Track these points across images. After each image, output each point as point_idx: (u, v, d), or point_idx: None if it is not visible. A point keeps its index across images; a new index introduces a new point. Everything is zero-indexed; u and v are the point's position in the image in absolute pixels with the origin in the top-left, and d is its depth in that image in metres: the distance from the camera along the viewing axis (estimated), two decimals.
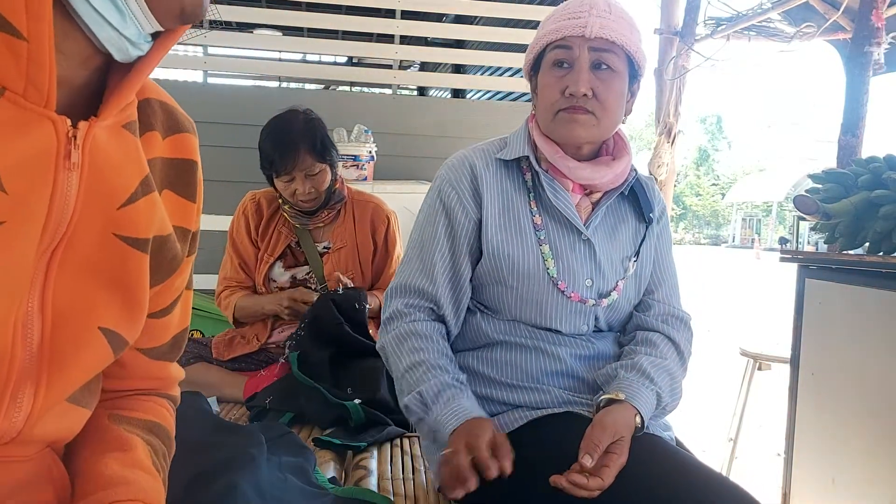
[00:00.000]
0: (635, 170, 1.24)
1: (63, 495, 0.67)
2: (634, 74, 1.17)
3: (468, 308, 1.22)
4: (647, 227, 1.25)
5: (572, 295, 1.15)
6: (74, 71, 0.57)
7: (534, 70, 1.21)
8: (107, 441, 0.69)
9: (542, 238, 1.16)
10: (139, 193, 0.62)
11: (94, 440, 0.69)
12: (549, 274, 1.14)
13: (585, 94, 1.10)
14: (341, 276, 1.94)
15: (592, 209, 1.20)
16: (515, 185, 1.19)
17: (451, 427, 1.02)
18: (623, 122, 1.20)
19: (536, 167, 1.18)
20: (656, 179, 4.59)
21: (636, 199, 1.24)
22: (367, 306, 1.90)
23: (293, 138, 1.85)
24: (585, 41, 1.09)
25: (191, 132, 0.73)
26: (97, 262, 0.60)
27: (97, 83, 0.60)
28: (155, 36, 0.60)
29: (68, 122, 0.56)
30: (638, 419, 1.04)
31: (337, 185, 2.00)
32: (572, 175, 1.16)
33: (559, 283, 1.14)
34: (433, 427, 1.05)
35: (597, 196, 1.21)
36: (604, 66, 1.11)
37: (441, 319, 1.19)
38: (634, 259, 1.22)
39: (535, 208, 1.17)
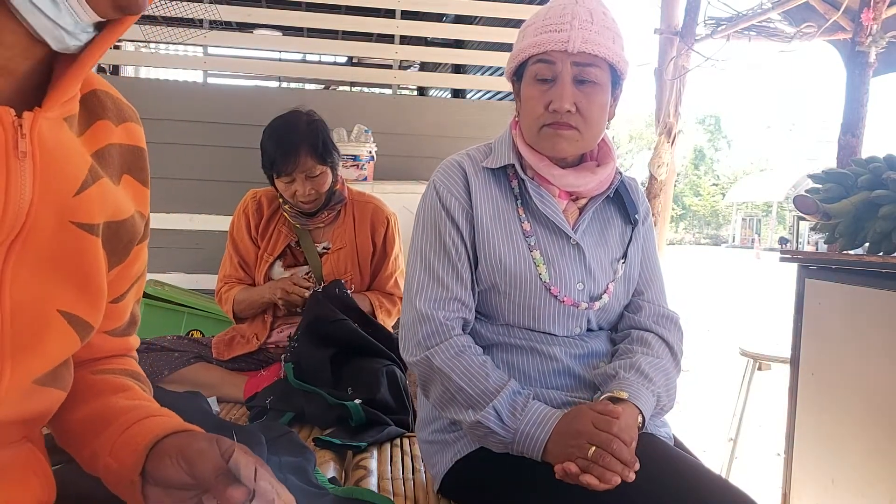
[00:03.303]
0: (620, 172, 1.25)
1: (48, 490, 0.67)
2: (617, 81, 1.17)
3: None
4: (633, 229, 1.26)
5: (565, 299, 1.15)
6: (16, 62, 0.58)
7: (516, 76, 1.21)
8: (104, 388, 0.74)
9: (532, 244, 1.16)
10: (90, 180, 0.63)
11: (92, 392, 0.73)
12: (541, 279, 1.14)
13: (569, 111, 1.10)
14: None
15: (579, 214, 1.21)
16: (503, 192, 1.20)
17: (546, 431, 1.01)
18: (608, 128, 1.21)
19: (522, 175, 1.18)
20: (656, 179, 4.59)
21: (621, 201, 1.25)
22: (347, 292, 1.90)
23: (295, 139, 1.85)
24: (568, 56, 1.09)
25: (137, 122, 0.75)
26: (55, 250, 0.61)
27: (42, 74, 0.61)
28: (101, 27, 0.60)
29: (13, 112, 0.56)
30: (640, 419, 1.05)
31: (338, 187, 2.00)
32: (558, 182, 1.17)
33: (552, 287, 1.15)
34: (515, 438, 1.03)
35: (583, 201, 1.22)
36: (586, 80, 1.11)
37: (469, 323, 1.18)
38: (623, 261, 1.23)
39: (524, 215, 1.18)
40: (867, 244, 1.78)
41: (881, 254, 1.74)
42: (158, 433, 0.66)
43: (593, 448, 0.94)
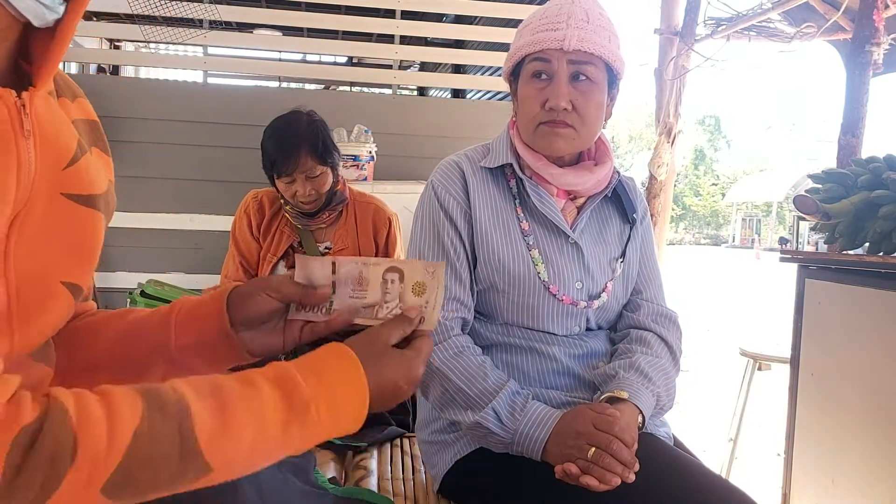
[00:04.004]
0: (617, 171, 1.25)
1: None
2: (613, 80, 1.17)
3: None
4: (631, 228, 1.26)
5: (564, 298, 1.15)
6: None
7: (513, 76, 1.21)
8: (112, 316, 0.81)
9: (530, 243, 1.16)
10: (79, 153, 0.66)
11: (101, 325, 0.80)
12: (540, 278, 1.15)
13: (565, 108, 1.11)
14: None
15: (577, 213, 1.21)
16: (501, 192, 1.20)
17: (545, 432, 1.01)
18: (604, 127, 1.21)
19: (520, 174, 1.18)
20: (656, 179, 4.59)
21: (619, 200, 1.26)
22: None
23: (295, 140, 1.85)
24: (564, 54, 1.10)
25: (84, 97, 0.78)
26: (50, 221, 0.63)
27: (14, 55, 0.63)
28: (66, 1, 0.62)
29: (13, 92, 0.58)
30: (640, 419, 1.05)
31: (339, 187, 2.00)
32: (556, 181, 1.17)
33: (550, 286, 1.15)
34: (514, 439, 1.03)
35: (581, 200, 1.22)
36: (582, 78, 1.11)
37: (468, 324, 1.18)
38: (621, 260, 1.23)
39: (522, 214, 1.18)
40: (867, 244, 1.78)
41: (881, 254, 1.74)
42: (222, 292, 0.78)
43: (593, 449, 0.94)
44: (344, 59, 7.13)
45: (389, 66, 4.20)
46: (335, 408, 0.66)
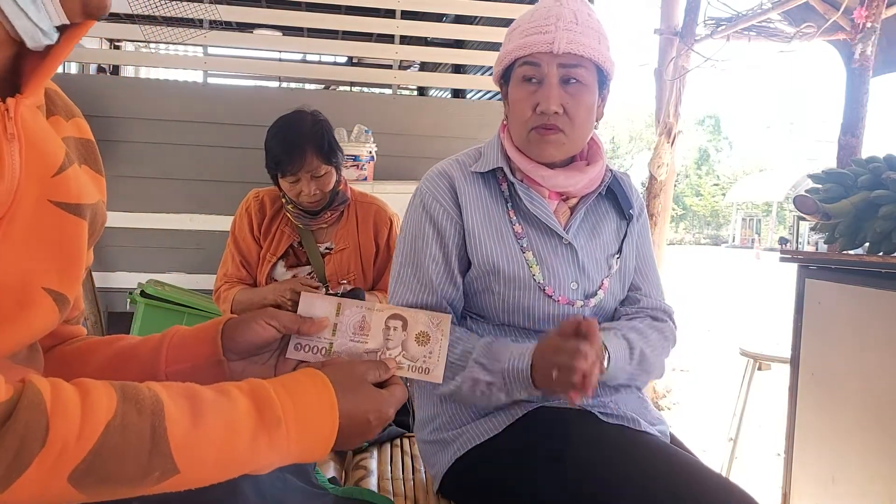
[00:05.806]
0: (611, 170, 1.25)
1: None
2: (603, 81, 1.18)
3: None
4: (627, 225, 1.26)
5: (560, 299, 1.16)
6: None
7: (504, 79, 1.21)
8: (100, 343, 0.82)
9: (524, 246, 1.17)
10: (66, 163, 0.67)
11: (89, 350, 0.81)
12: (535, 280, 1.15)
13: (556, 112, 1.11)
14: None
15: (571, 213, 1.21)
16: (493, 196, 1.20)
17: (527, 362, 1.04)
18: (596, 128, 1.21)
19: (511, 177, 1.18)
20: (656, 179, 4.59)
21: (615, 197, 1.26)
22: None
23: (301, 139, 1.85)
24: (554, 57, 1.10)
25: (82, 117, 0.80)
26: (35, 227, 0.63)
27: (9, 68, 0.65)
28: (62, 29, 0.64)
29: None
30: (605, 355, 1.06)
31: (341, 187, 2.01)
32: (547, 183, 1.17)
33: (546, 288, 1.15)
34: (505, 377, 1.05)
35: (574, 200, 1.22)
36: (573, 81, 1.12)
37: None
38: (617, 256, 1.24)
39: (514, 217, 1.18)
40: (867, 244, 1.78)
41: (881, 254, 1.74)
42: (218, 321, 0.78)
43: (555, 371, 0.96)
44: (344, 59, 7.14)
45: (389, 66, 4.21)
46: (305, 429, 0.66)
